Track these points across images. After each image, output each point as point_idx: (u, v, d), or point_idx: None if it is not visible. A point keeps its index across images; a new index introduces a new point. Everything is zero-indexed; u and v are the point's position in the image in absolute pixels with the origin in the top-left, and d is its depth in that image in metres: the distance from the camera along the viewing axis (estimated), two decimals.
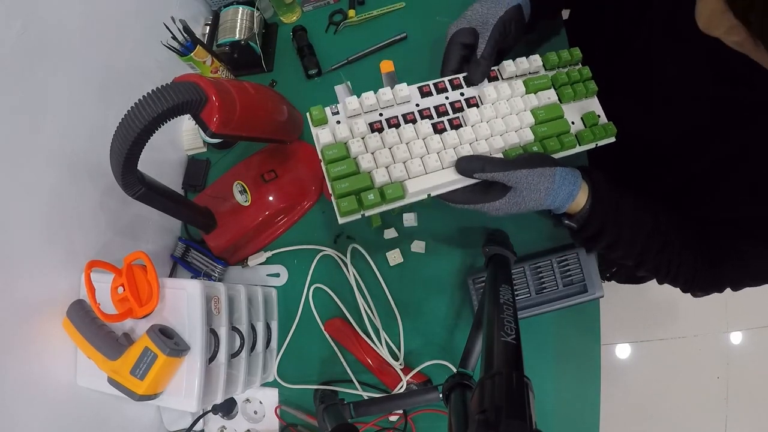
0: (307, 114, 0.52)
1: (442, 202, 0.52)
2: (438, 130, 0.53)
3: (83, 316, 0.51)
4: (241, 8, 0.77)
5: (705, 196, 0.54)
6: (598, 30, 0.61)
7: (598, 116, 0.57)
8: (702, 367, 1.41)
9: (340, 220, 0.50)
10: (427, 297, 0.65)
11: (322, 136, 0.51)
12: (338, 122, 0.52)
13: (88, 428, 0.56)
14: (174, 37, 0.66)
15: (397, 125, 0.53)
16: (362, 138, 0.51)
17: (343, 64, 0.77)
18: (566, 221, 0.53)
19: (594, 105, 0.58)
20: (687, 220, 0.55)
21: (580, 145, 0.55)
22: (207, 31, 0.81)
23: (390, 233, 0.67)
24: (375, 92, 0.52)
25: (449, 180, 0.51)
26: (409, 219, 0.67)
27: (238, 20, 0.76)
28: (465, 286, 0.64)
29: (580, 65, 0.59)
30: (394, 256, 0.66)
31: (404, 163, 0.51)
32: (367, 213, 0.50)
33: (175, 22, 0.66)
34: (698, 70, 0.49)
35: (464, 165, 0.50)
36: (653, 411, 1.40)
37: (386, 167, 0.51)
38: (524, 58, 0.56)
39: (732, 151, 0.48)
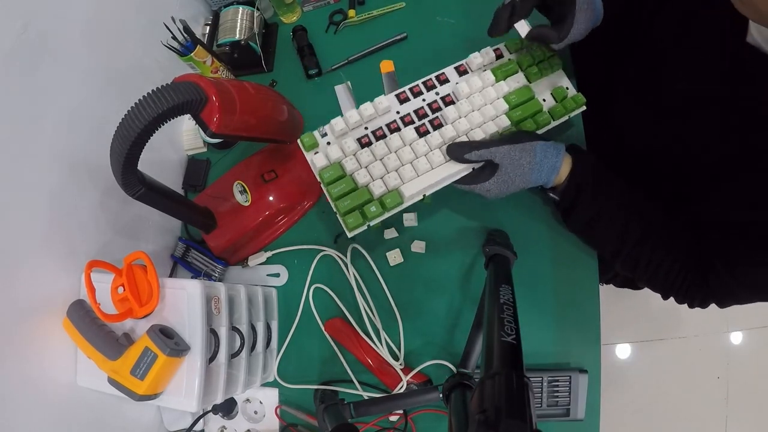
0: (299, 141, 0.56)
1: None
2: (421, 133, 0.56)
3: (83, 316, 0.51)
4: (241, 8, 0.77)
5: (705, 197, 0.54)
6: (604, 40, 0.60)
7: (567, 89, 0.60)
8: (702, 367, 1.41)
9: (349, 234, 0.53)
10: (427, 297, 0.65)
11: (316, 161, 0.54)
12: (329, 143, 0.55)
13: (88, 428, 0.56)
14: (174, 37, 0.66)
15: (384, 136, 0.56)
16: (354, 155, 0.54)
17: (343, 64, 0.77)
18: (550, 194, 0.56)
19: (562, 79, 0.61)
20: (682, 228, 0.54)
21: (554, 120, 0.58)
22: (207, 31, 0.81)
23: (390, 233, 0.67)
24: (357, 108, 0.56)
25: (440, 178, 0.54)
26: (409, 219, 0.67)
27: (238, 20, 0.76)
28: (465, 286, 0.64)
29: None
30: (394, 256, 0.66)
31: (397, 170, 0.54)
32: (372, 223, 0.54)
33: (175, 22, 0.66)
34: (714, 73, 0.49)
35: (455, 151, 0.53)
36: (653, 411, 1.39)
37: (381, 178, 0.54)
38: (488, 47, 0.59)
39: (738, 152, 0.48)
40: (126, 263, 0.51)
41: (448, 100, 0.57)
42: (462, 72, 0.59)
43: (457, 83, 0.57)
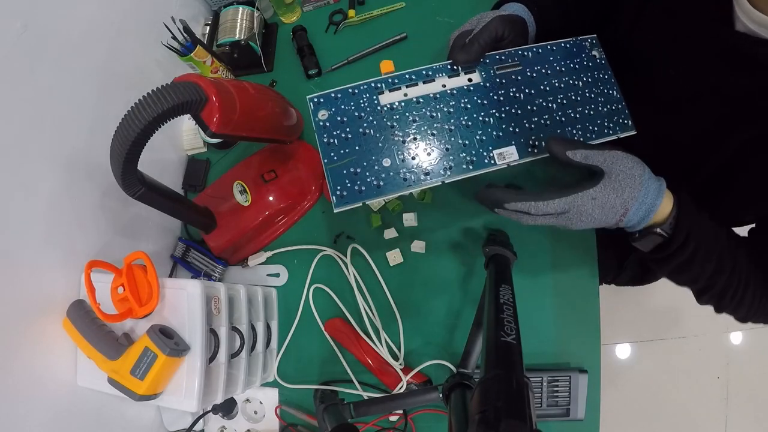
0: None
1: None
2: None
3: (83, 316, 0.51)
4: (241, 8, 0.77)
5: (714, 195, 0.51)
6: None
7: None
8: (702, 367, 1.41)
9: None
10: (427, 297, 0.65)
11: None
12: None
13: (88, 428, 0.56)
14: (174, 37, 0.66)
15: None
16: None
17: (343, 64, 0.77)
18: (657, 230, 0.46)
19: None
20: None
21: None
22: (207, 31, 0.81)
23: (390, 233, 0.67)
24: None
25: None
26: (409, 219, 0.67)
27: (238, 20, 0.76)
28: (465, 286, 0.64)
29: None
30: (394, 256, 0.66)
31: None
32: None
33: (175, 22, 0.66)
34: (706, 65, 0.48)
35: (556, 145, 0.46)
36: (653, 411, 1.40)
37: None
38: None
39: (740, 145, 0.47)
40: (126, 263, 0.51)
41: None
42: None
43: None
